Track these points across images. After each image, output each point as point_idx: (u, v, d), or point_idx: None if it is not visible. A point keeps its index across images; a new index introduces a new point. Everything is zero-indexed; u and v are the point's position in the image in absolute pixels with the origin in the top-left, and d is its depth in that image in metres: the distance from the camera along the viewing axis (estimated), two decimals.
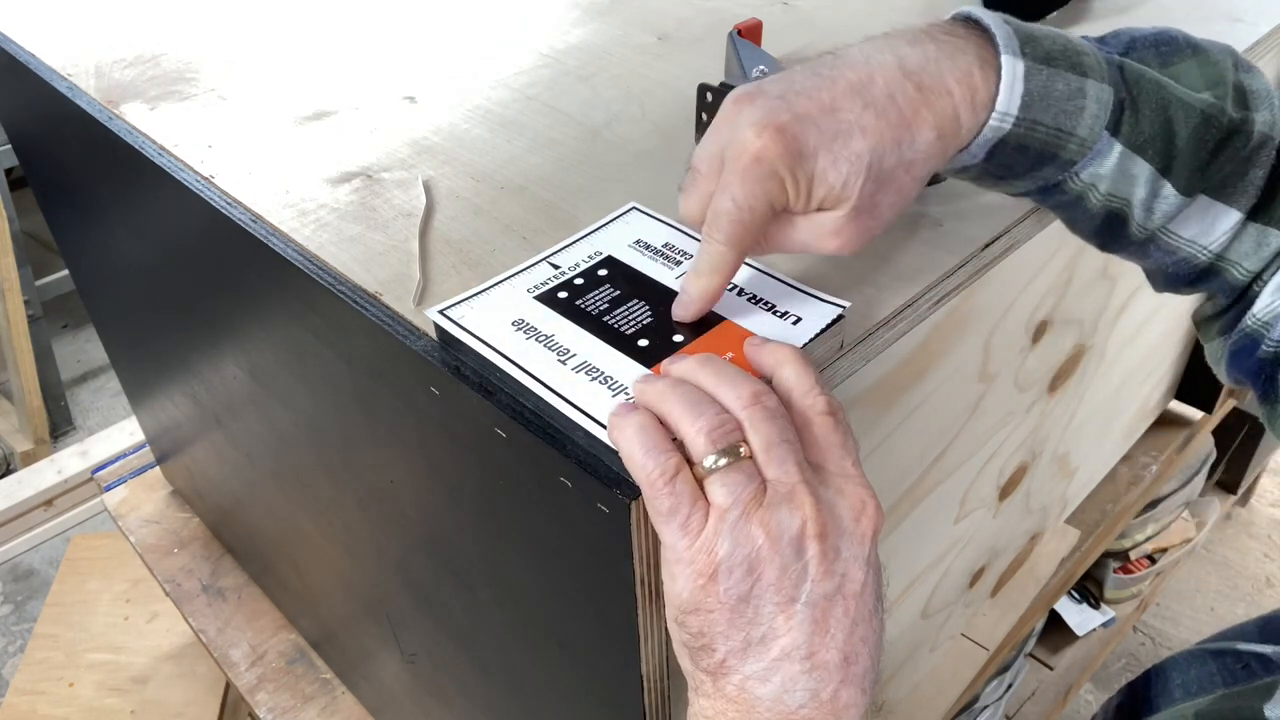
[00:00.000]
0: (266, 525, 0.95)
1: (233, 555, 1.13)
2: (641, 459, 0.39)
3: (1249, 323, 0.51)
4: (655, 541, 0.44)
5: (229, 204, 0.61)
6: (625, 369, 0.46)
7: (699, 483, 0.39)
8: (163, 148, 0.66)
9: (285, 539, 0.91)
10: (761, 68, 0.61)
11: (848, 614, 0.39)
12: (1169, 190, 0.47)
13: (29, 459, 2.11)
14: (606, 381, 0.45)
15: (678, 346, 0.47)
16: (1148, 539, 1.62)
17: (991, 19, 0.45)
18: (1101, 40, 0.49)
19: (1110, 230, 0.50)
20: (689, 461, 0.40)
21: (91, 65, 0.76)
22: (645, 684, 0.49)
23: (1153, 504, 1.57)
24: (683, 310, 0.48)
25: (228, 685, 1.34)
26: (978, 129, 0.44)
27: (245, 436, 0.83)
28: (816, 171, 0.43)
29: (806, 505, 0.39)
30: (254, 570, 1.10)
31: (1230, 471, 1.97)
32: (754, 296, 0.50)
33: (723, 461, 0.39)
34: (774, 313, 0.49)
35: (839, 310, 0.48)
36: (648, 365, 0.46)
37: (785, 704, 0.38)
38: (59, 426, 2.29)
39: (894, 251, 0.56)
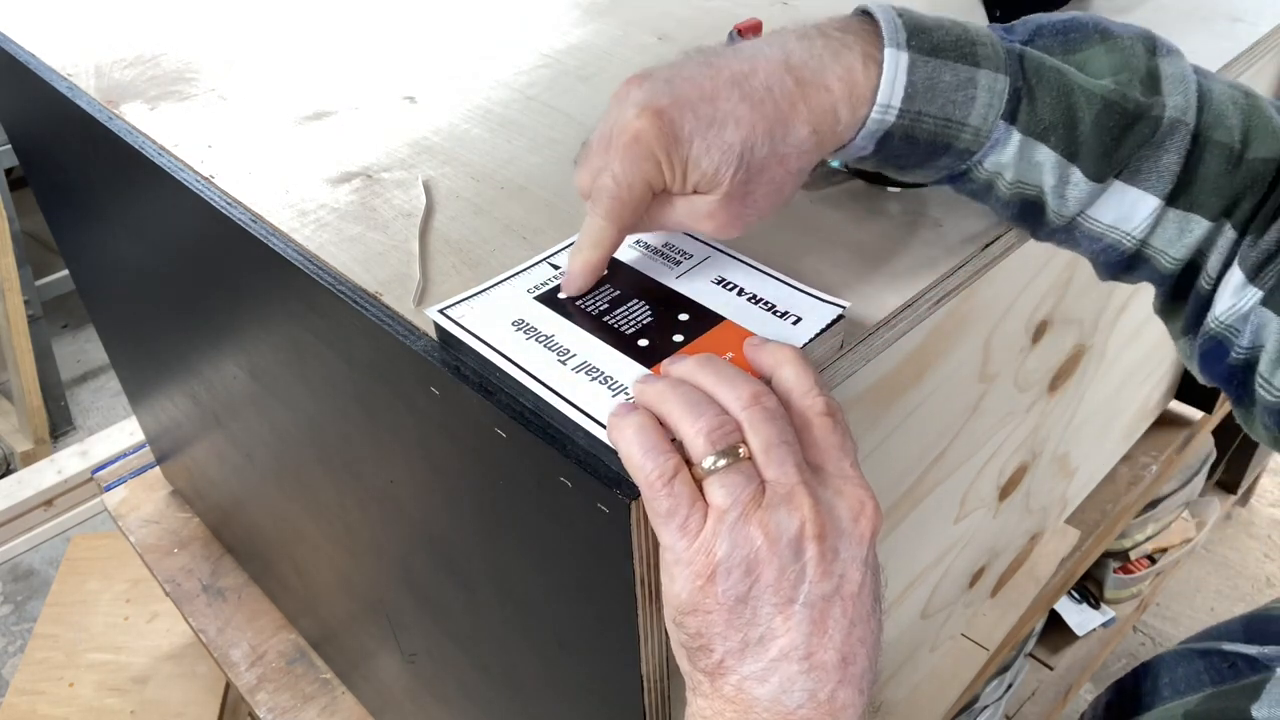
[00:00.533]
0: (266, 525, 0.95)
1: (233, 555, 1.13)
2: (640, 459, 0.39)
3: (1212, 325, 0.50)
4: (655, 542, 0.44)
5: (229, 204, 0.61)
6: (625, 369, 0.46)
7: (698, 484, 0.39)
8: (163, 148, 0.66)
9: (285, 539, 0.91)
10: None
11: (845, 614, 0.39)
12: (1078, 176, 0.48)
13: (29, 459, 2.11)
14: (606, 381, 0.45)
15: (678, 346, 0.47)
16: (1148, 539, 1.62)
17: (883, 12, 0.46)
18: (1009, 29, 0.49)
19: (1030, 217, 0.51)
20: (688, 463, 0.40)
21: (91, 65, 0.76)
22: (645, 684, 0.49)
23: (1153, 504, 1.57)
24: (566, 285, 0.50)
25: (228, 685, 1.34)
26: (858, 124, 0.45)
27: (245, 436, 0.83)
28: (690, 156, 0.44)
29: (805, 506, 0.39)
30: (254, 570, 1.10)
31: (1230, 471, 1.97)
32: (754, 296, 0.50)
33: (721, 462, 0.39)
34: (774, 313, 0.49)
35: (839, 310, 0.48)
36: (648, 365, 0.46)
37: (783, 704, 0.38)
38: (59, 426, 2.29)
39: (894, 252, 0.56)
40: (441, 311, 0.49)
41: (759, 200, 0.46)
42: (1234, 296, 0.49)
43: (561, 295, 0.50)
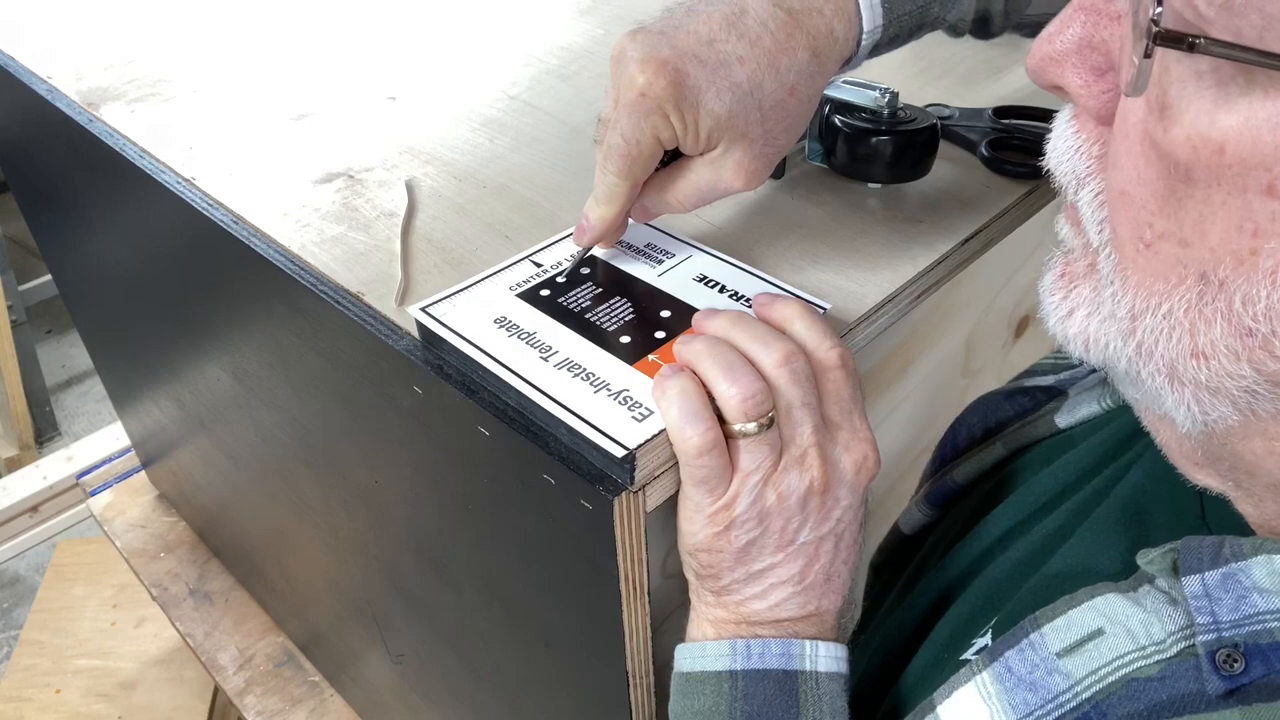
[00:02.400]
0: (253, 528, 0.94)
1: (219, 559, 1.13)
2: (680, 425, 0.42)
3: None
4: (638, 538, 0.44)
5: (210, 205, 0.61)
6: (607, 366, 0.46)
7: (726, 439, 0.43)
8: (143, 150, 0.66)
9: (272, 541, 0.91)
10: None
11: (836, 546, 0.45)
12: None
13: (14, 465, 2.10)
14: (589, 378, 0.45)
15: (660, 343, 0.47)
16: None
17: None
18: None
19: (974, 34, 0.54)
20: (720, 419, 0.43)
21: (71, 68, 0.76)
22: (631, 680, 0.50)
23: None
24: (581, 236, 0.51)
25: (216, 689, 1.34)
26: (855, 38, 0.47)
27: (230, 439, 0.83)
28: (702, 103, 0.45)
29: (815, 468, 0.43)
30: (241, 573, 1.09)
31: None
32: (735, 294, 0.50)
33: (752, 427, 0.42)
34: None
35: (820, 311, 0.49)
36: (629, 362, 0.46)
37: (776, 614, 0.45)
38: (44, 432, 2.27)
39: (873, 247, 0.56)
40: (423, 310, 0.49)
41: (778, 136, 0.47)
42: None
43: (575, 244, 0.51)
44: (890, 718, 0.48)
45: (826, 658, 0.46)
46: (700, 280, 0.51)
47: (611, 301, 0.50)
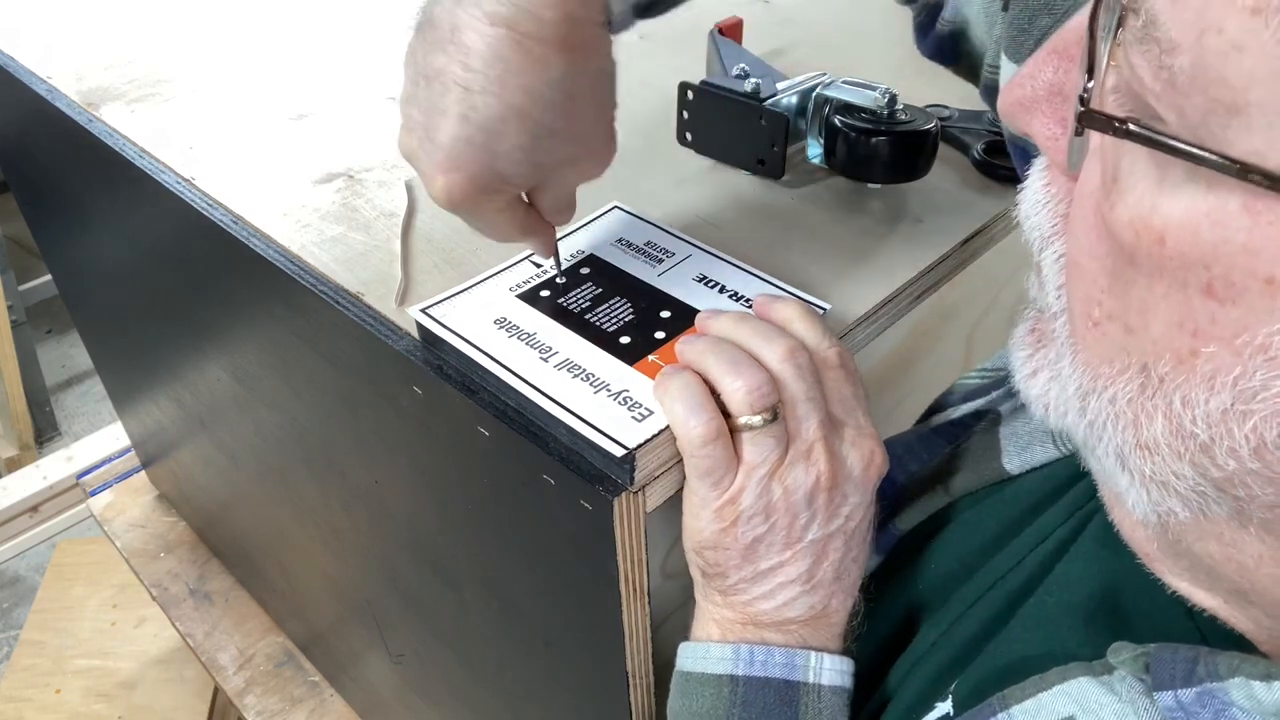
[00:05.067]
0: (253, 528, 0.94)
1: (219, 559, 1.13)
2: (684, 417, 0.41)
3: None
4: (638, 538, 0.44)
5: (210, 205, 0.61)
6: (606, 366, 0.46)
7: (732, 433, 0.42)
8: (143, 149, 0.66)
9: (272, 542, 0.91)
10: (742, 65, 0.62)
11: (845, 544, 0.45)
12: None
13: (14, 465, 2.10)
14: (588, 379, 0.45)
15: (659, 344, 0.47)
16: None
17: None
18: None
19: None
20: (725, 415, 0.42)
21: (71, 67, 0.76)
22: (631, 680, 0.50)
23: None
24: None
25: (216, 689, 1.34)
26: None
27: (230, 439, 0.83)
28: (507, 179, 0.42)
29: (822, 462, 0.43)
30: (241, 574, 1.09)
31: None
32: (735, 294, 0.50)
33: (757, 420, 0.41)
34: None
35: (820, 310, 0.49)
36: (629, 362, 0.46)
37: (785, 614, 0.45)
38: (44, 432, 2.27)
39: (874, 247, 0.56)
40: (423, 310, 0.49)
41: (595, 126, 0.44)
42: None
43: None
44: None
45: (831, 670, 0.45)
46: (700, 280, 0.51)
47: (611, 302, 0.50)
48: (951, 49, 0.52)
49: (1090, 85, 0.25)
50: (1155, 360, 0.27)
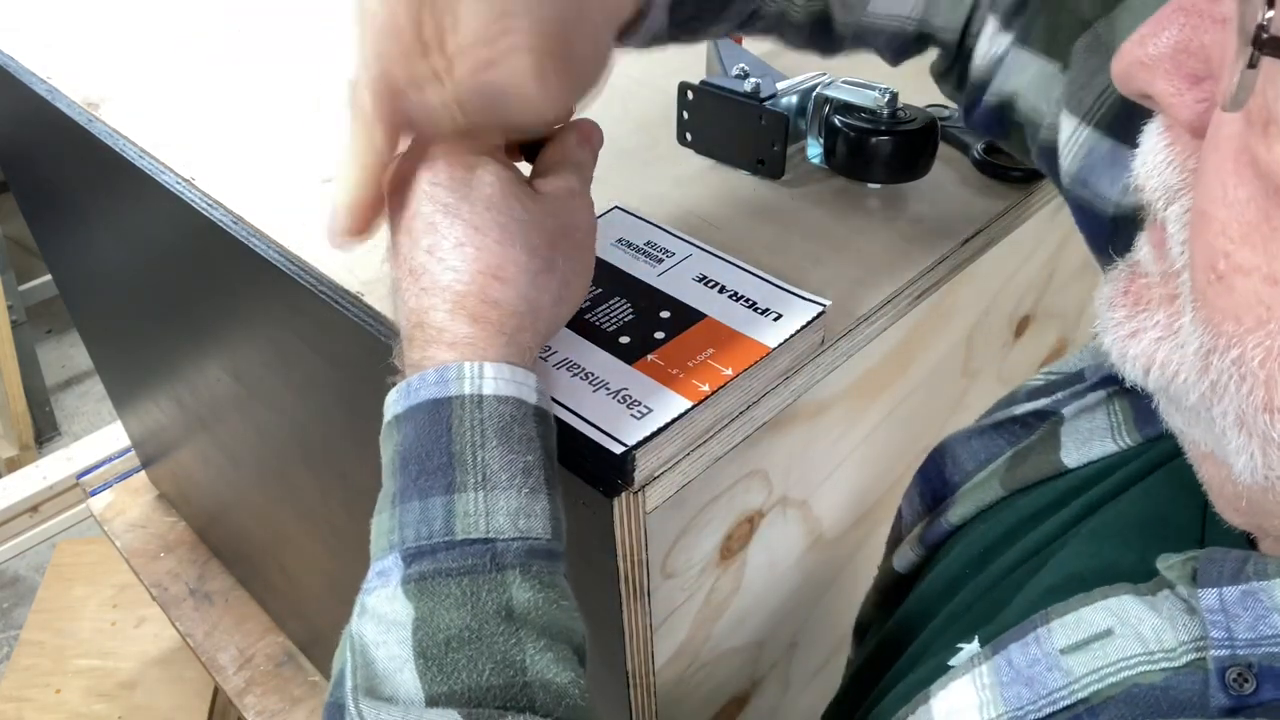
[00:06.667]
0: (253, 528, 0.94)
1: (219, 559, 1.13)
2: None
3: (973, 76, 0.52)
4: (638, 538, 0.44)
5: (210, 205, 0.61)
6: (606, 365, 0.46)
7: None
8: (143, 150, 0.66)
9: (272, 541, 0.91)
10: (742, 65, 0.62)
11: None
12: None
13: (14, 465, 2.10)
14: (588, 378, 0.45)
15: (659, 343, 0.47)
16: None
17: None
18: None
19: (820, 37, 0.51)
20: None
21: (71, 67, 0.76)
22: (631, 680, 0.50)
23: None
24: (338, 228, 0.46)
25: (216, 689, 1.34)
26: None
27: (230, 439, 0.83)
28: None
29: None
30: (241, 573, 1.09)
31: None
32: (735, 294, 0.50)
33: None
34: (755, 310, 0.49)
35: (820, 308, 0.49)
36: (629, 362, 0.46)
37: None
38: (44, 432, 2.27)
39: (873, 247, 0.56)
40: None
41: (576, 61, 0.41)
42: (989, 44, 0.50)
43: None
44: None
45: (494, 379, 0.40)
46: (699, 280, 0.51)
47: (611, 301, 0.50)
48: (999, 122, 0.52)
49: (1270, 14, 0.24)
50: None
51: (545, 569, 0.39)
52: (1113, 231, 0.44)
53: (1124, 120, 0.42)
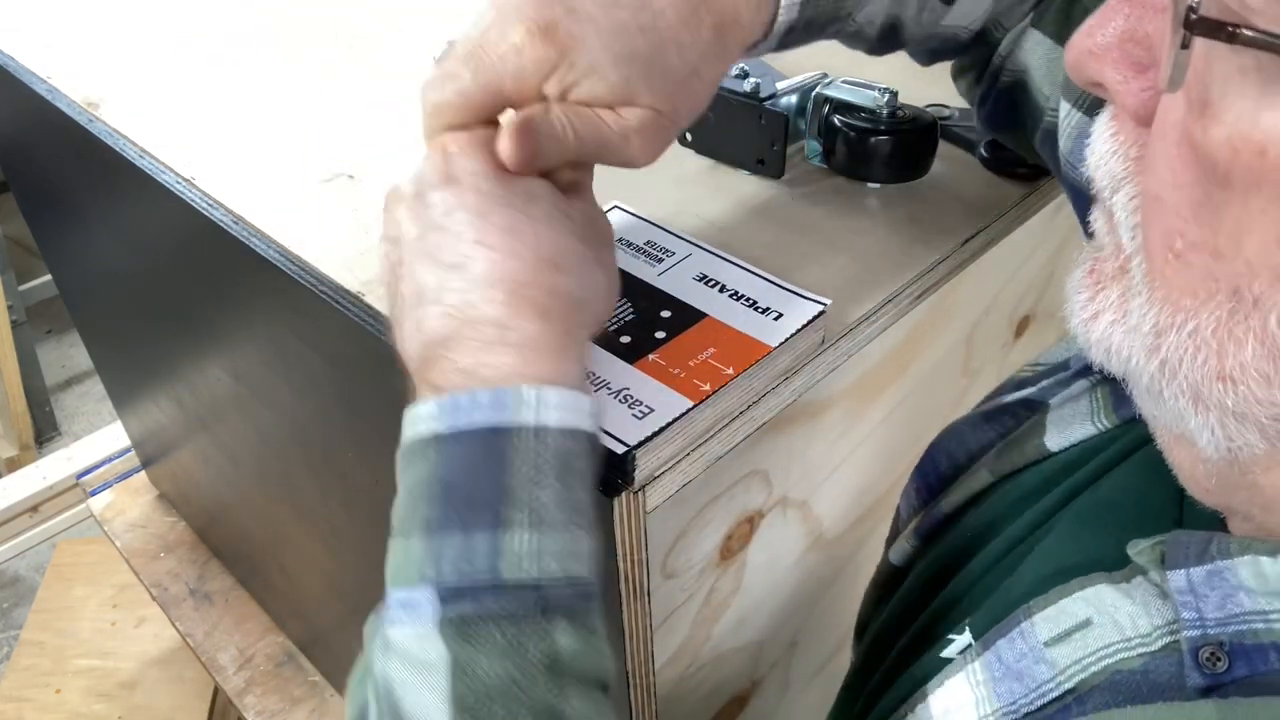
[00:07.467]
0: (253, 528, 0.94)
1: (220, 559, 1.13)
2: None
3: (994, 61, 0.52)
4: (638, 538, 0.44)
5: (210, 205, 0.61)
6: (607, 365, 0.46)
7: None
8: (143, 150, 0.66)
9: (272, 541, 0.91)
10: (742, 65, 0.62)
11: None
12: (935, 1, 0.49)
13: (14, 465, 2.10)
14: (588, 378, 0.45)
15: (660, 343, 0.47)
16: None
17: None
18: None
19: (885, 42, 0.51)
20: None
21: (71, 67, 0.76)
22: (631, 680, 0.50)
23: None
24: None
25: (216, 689, 1.34)
26: (764, 24, 0.43)
27: (230, 439, 0.83)
28: (596, 70, 0.40)
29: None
30: (241, 573, 1.09)
31: None
32: (736, 293, 0.50)
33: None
34: (755, 309, 0.49)
35: (820, 307, 0.49)
36: (630, 361, 0.46)
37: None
38: (44, 432, 2.27)
39: (873, 247, 0.56)
40: None
41: (680, 115, 0.42)
42: (1012, 39, 0.51)
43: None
44: None
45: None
46: (700, 280, 0.51)
47: None
48: (1010, 106, 0.52)
49: None
50: (1250, 281, 0.28)
51: (586, 610, 0.37)
52: None
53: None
